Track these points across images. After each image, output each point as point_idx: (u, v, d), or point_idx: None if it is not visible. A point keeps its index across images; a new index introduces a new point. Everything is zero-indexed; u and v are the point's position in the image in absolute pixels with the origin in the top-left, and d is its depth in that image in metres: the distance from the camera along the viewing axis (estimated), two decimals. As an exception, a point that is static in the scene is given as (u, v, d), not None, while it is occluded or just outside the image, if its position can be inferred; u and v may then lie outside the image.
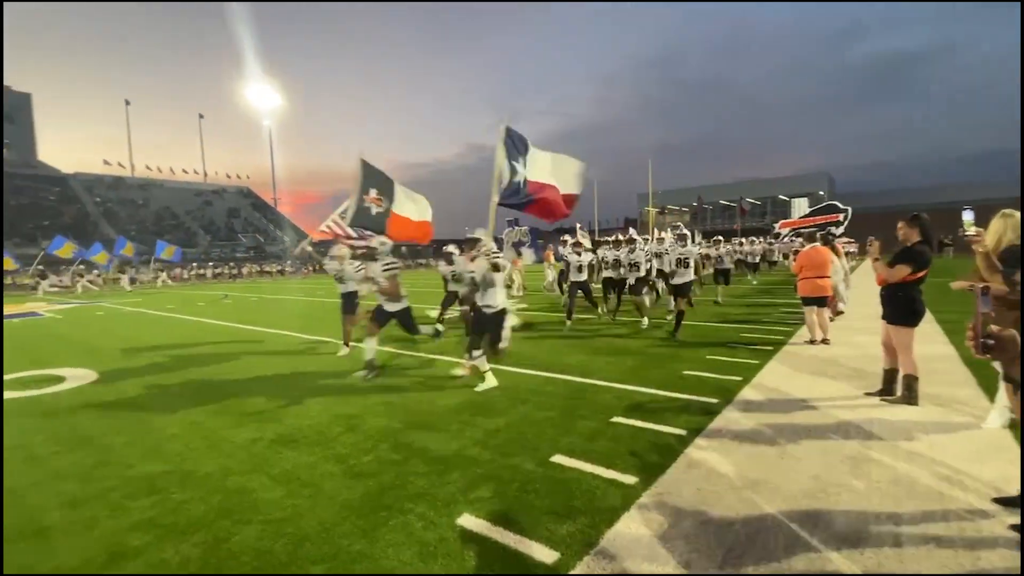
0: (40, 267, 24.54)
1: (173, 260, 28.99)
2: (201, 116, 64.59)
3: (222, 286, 27.87)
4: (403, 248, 66.10)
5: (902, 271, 3.73)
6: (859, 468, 2.80)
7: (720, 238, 14.68)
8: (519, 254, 16.36)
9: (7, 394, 5.10)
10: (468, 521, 2.37)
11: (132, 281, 28.56)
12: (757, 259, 16.53)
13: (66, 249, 24.04)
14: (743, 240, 17.79)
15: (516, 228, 16.31)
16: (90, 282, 27.20)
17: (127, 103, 59.96)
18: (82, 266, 28.24)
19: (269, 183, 53.08)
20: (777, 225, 19.95)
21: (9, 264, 24.43)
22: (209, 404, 4.48)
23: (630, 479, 2.72)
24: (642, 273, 8.17)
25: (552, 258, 15.52)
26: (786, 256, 20.39)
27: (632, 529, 2.27)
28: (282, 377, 5.43)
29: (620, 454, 3.06)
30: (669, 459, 2.97)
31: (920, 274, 3.74)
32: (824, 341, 6.13)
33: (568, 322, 7.87)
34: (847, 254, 20.97)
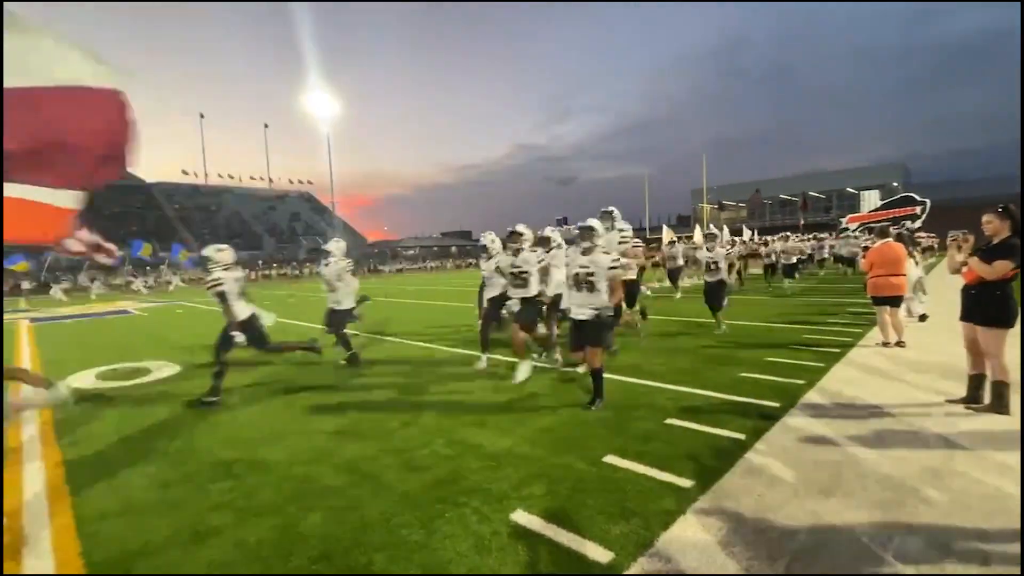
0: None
1: (187, 265, 29.57)
2: (266, 126, 68.69)
3: (286, 286, 29.47)
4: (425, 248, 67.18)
5: (1003, 267, 3.41)
6: (941, 480, 2.60)
7: (766, 238, 14.25)
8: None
9: (102, 383, 5.64)
10: (521, 517, 2.40)
11: (147, 285, 28.35)
12: (793, 260, 12.92)
13: (146, 250, 25.37)
14: (767, 238, 16.21)
15: (565, 227, 16.26)
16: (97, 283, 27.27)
17: (201, 116, 64.67)
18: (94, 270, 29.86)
19: (327, 187, 55.67)
20: (844, 220, 18.68)
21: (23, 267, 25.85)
22: (276, 397, 4.77)
23: (686, 482, 2.66)
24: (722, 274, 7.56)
25: None
26: (842, 261, 16.81)
27: (688, 533, 2.22)
28: (342, 373, 5.68)
29: (675, 456, 3.00)
30: (727, 464, 2.88)
31: (1016, 271, 3.42)
32: (899, 344, 5.72)
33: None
34: (926, 249, 19.37)
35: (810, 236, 18.23)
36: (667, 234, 17.43)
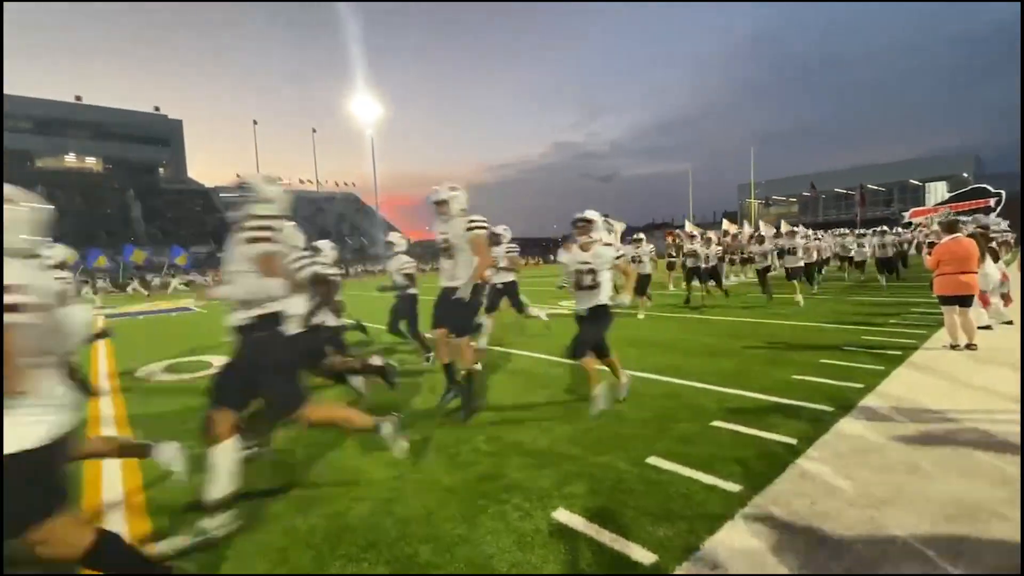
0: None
1: (187, 267, 29.78)
2: (314, 130, 71.15)
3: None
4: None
5: None
6: (1015, 491, 2.41)
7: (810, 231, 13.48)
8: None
9: (168, 376, 6.04)
10: (563, 515, 2.40)
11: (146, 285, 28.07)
12: (814, 257, 11.57)
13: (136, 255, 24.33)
14: (774, 233, 13.95)
15: (607, 221, 16.02)
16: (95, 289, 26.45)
17: (255, 123, 67.89)
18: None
19: (371, 188, 57.33)
20: (907, 214, 17.53)
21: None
22: (324, 390, 4.95)
23: (733, 486, 2.59)
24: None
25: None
26: (846, 261, 14.26)
27: (736, 538, 2.16)
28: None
29: (721, 459, 2.91)
30: (777, 469, 2.78)
31: None
32: (969, 346, 5.32)
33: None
34: (1002, 244, 17.81)
35: (815, 234, 15.61)
36: (689, 228, 16.38)
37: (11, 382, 1.46)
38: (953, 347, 5.38)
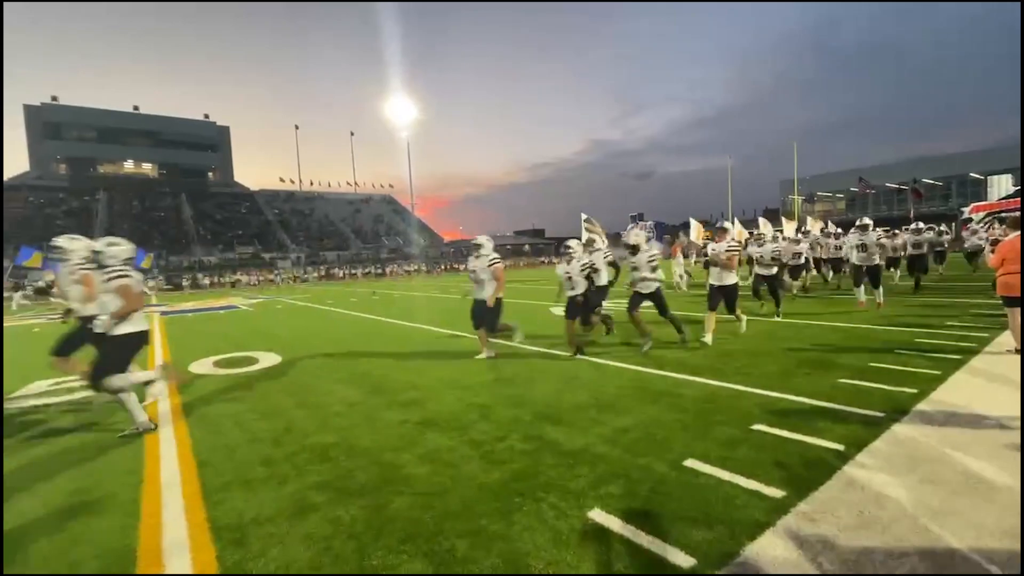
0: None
1: (146, 268, 28.72)
2: (352, 133, 73.05)
3: (368, 283, 31.28)
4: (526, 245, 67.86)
5: None
6: (1091, 509, 2.25)
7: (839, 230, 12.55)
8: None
9: (219, 371, 6.35)
10: (599, 516, 2.40)
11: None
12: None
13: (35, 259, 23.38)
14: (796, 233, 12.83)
15: (640, 223, 15.72)
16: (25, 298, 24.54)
17: (296, 128, 70.31)
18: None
19: (407, 190, 58.40)
20: (967, 209, 16.46)
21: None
22: (365, 386, 5.10)
23: (775, 492, 2.52)
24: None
25: (680, 253, 14.71)
26: (825, 264, 13.14)
27: (779, 546, 2.10)
28: (423, 367, 5.96)
29: (763, 464, 2.84)
30: (823, 475, 2.68)
31: None
32: (1037, 351, 4.97)
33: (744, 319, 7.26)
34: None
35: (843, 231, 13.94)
36: (696, 230, 15.20)
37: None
38: (1017, 351, 5.04)
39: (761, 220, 15.06)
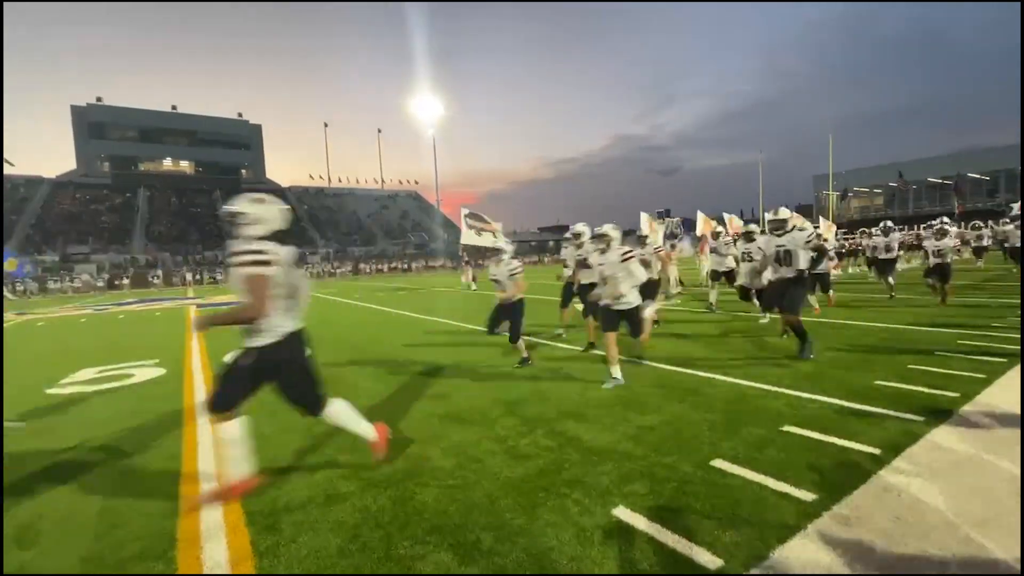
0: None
1: (16, 274, 27.72)
2: (380, 131, 73.97)
3: (393, 279, 31.69)
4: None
5: None
6: None
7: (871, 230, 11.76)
8: (672, 247, 15.50)
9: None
10: (624, 513, 2.38)
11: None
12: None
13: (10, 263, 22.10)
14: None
15: (668, 219, 15.43)
16: None
17: (325, 125, 71.58)
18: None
19: (433, 186, 58.82)
20: (1016, 205, 15.62)
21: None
22: (392, 380, 5.19)
23: (806, 495, 2.46)
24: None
25: (708, 250, 14.37)
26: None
27: (810, 550, 2.05)
28: (447, 361, 6.01)
29: (793, 466, 2.77)
30: (857, 479, 2.60)
31: None
32: (1093, 355, 4.70)
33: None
34: None
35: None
36: (704, 222, 14.19)
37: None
38: (1072, 355, 4.77)
39: (725, 215, 14.13)
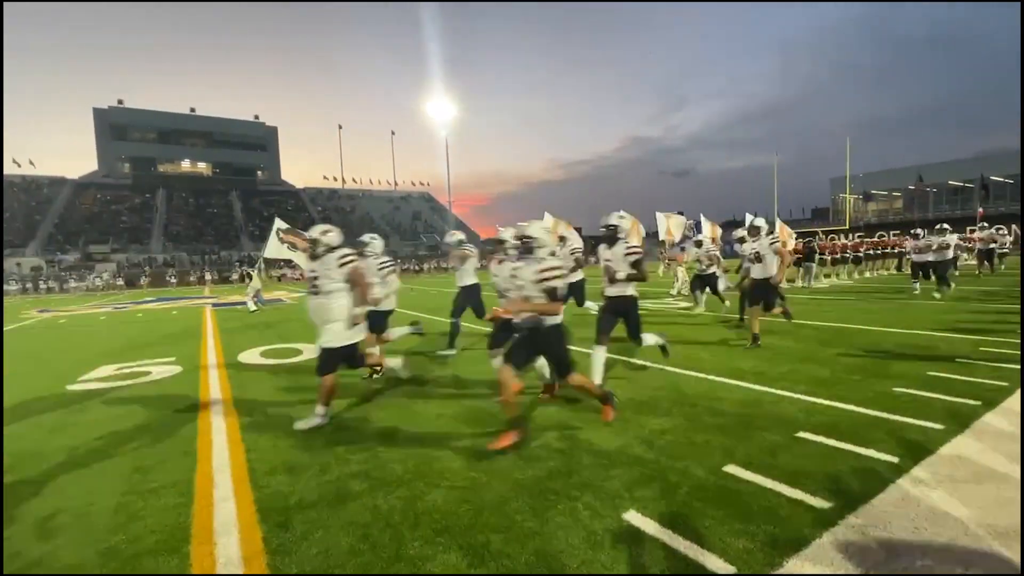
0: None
1: None
2: (393, 133, 74.55)
3: (405, 279, 31.87)
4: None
5: None
6: None
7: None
8: (682, 249, 15.26)
9: (266, 361, 6.62)
10: (634, 518, 2.36)
11: None
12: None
13: None
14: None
15: (686, 221, 15.18)
16: None
17: (340, 127, 72.33)
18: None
19: (445, 188, 59.08)
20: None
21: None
22: (402, 380, 5.20)
23: (822, 503, 2.41)
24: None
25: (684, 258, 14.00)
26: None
27: (825, 558, 2.01)
28: (458, 361, 6.03)
29: (809, 473, 2.72)
30: (874, 488, 2.55)
31: None
32: (1122, 363, 4.55)
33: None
34: None
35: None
36: (710, 227, 13.83)
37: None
38: (1100, 364, 4.63)
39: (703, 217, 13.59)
